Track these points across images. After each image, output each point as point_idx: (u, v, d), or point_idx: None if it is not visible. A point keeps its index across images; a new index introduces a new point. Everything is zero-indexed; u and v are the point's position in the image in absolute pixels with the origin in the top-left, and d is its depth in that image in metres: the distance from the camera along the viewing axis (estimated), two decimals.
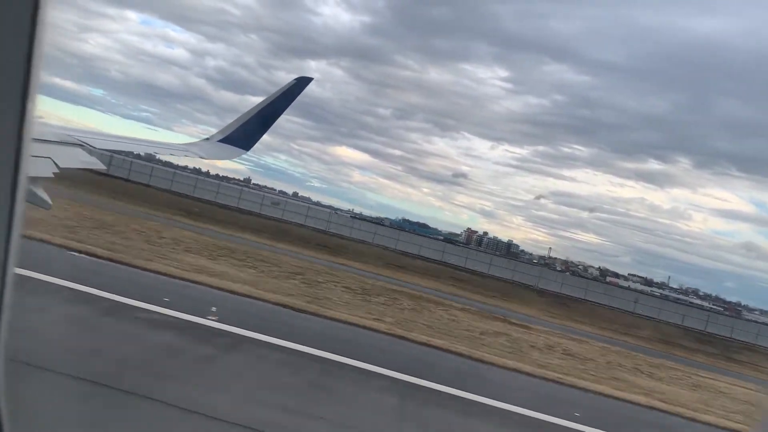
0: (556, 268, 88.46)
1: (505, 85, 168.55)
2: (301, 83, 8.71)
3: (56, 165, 5.46)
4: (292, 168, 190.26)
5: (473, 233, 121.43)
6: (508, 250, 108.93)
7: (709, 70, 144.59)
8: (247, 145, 8.36)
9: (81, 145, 6.07)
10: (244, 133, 8.26)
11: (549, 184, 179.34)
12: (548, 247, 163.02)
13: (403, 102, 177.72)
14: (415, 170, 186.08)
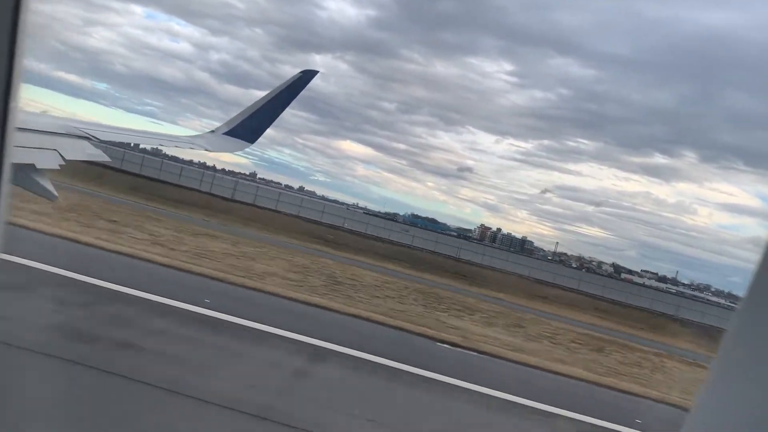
0: (571, 264, 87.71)
1: (510, 78, 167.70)
2: (306, 77, 8.73)
3: (62, 157, 5.58)
4: (296, 162, 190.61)
5: (487, 229, 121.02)
6: (522, 247, 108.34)
7: (715, 63, 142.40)
8: (252, 138, 8.42)
9: (87, 137, 6.19)
10: (250, 126, 8.32)
11: (554, 178, 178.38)
12: (555, 242, 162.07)
13: (408, 96, 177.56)
14: (419, 164, 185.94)
